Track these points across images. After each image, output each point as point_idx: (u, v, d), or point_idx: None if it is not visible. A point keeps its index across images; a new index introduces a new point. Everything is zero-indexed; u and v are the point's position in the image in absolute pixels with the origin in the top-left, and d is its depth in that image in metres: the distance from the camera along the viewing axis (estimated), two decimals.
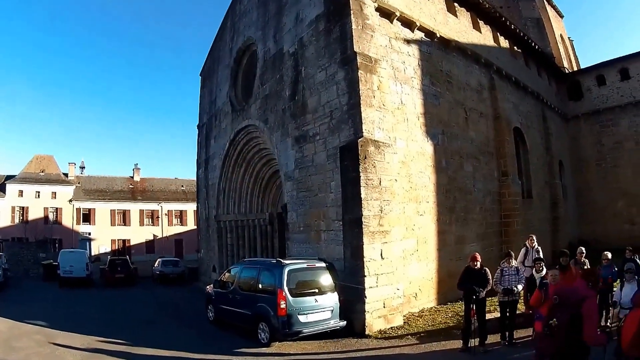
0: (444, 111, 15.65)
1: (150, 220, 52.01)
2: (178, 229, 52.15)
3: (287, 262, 11.35)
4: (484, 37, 19.36)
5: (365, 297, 11.27)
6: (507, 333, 9.99)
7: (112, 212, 50.14)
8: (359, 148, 11.58)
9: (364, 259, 11.33)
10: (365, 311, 11.26)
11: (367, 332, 11.21)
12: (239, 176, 20.69)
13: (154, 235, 51.40)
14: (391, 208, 12.12)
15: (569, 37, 43.20)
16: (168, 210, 52.66)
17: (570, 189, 28.39)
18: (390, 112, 13.03)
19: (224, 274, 13.84)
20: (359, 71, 12.19)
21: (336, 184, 12.64)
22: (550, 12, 38.61)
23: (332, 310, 11.12)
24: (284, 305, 10.38)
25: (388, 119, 12.84)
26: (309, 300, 10.85)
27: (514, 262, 10.32)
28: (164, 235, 51.57)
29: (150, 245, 50.43)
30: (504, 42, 21.35)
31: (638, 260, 11.07)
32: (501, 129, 18.66)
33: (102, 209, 49.57)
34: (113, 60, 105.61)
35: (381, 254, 11.70)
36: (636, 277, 8.09)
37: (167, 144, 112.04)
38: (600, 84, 29.21)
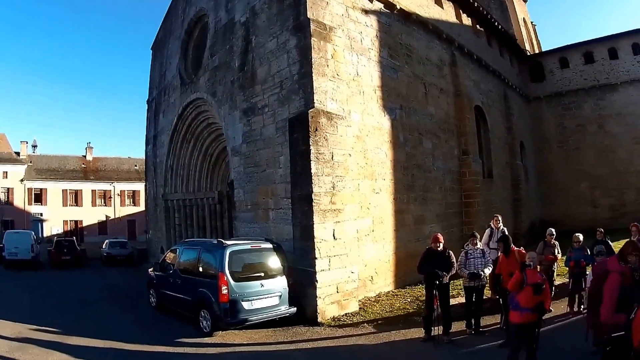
0: (403, 85, 15.02)
1: (102, 200, 51.26)
2: (131, 210, 51.33)
3: (229, 242, 10.56)
4: (446, 13, 18.88)
5: (317, 281, 10.50)
6: (473, 321, 9.27)
7: (64, 192, 49.18)
8: (310, 119, 10.78)
9: (315, 240, 10.55)
10: (316, 297, 10.51)
11: (319, 320, 10.44)
12: (187, 153, 19.77)
13: (106, 216, 50.71)
14: (344, 185, 11.39)
15: (531, 22, 43.59)
16: (121, 191, 51.93)
17: (531, 170, 28.32)
18: (344, 83, 12.32)
19: (165, 256, 12.97)
20: (312, 38, 11.42)
21: (285, 159, 11.88)
22: None
23: (281, 296, 10.35)
24: (226, 290, 9.54)
25: (342, 90, 12.12)
26: (254, 285, 10.04)
27: (479, 244, 9.59)
28: (117, 216, 50.96)
29: (102, 227, 49.71)
30: (467, 20, 20.96)
31: (609, 242, 10.62)
32: (462, 106, 18.27)
33: (54, 189, 48.50)
34: (66, 33, 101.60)
35: (333, 234, 10.96)
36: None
37: (122, 121, 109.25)
38: (563, 66, 29.27)
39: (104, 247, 29.00)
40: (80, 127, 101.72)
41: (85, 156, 53.32)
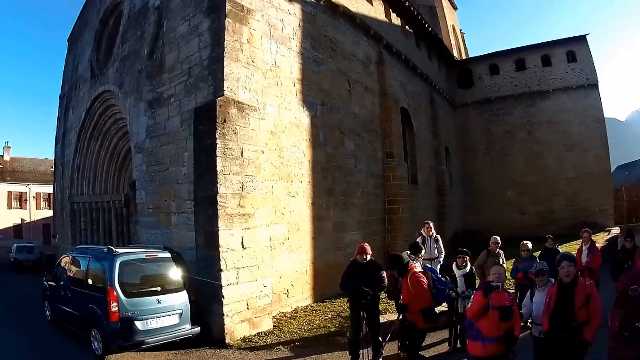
0: (326, 80, 14.15)
1: (18, 203, 48.24)
2: (47, 213, 47.78)
3: (120, 251, 9.07)
4: (376, 10, 18.38)
5: (223, 296, 9.20)
6: (407, 343, 8.10)
7: None
8: (217, 109, 9.53)
9: (220, 249, 9.25)
10: (223, 314, 9.19)
11: (227, 341, 9.13)
12: (94, 151, 18.01)
13: (22, 219, 47.73)
14: (255, 186, 10.19)
15: (460, 30, 44.81)
16: (36, 193, 48.97)
17: (457, 176, 28.54)
18: (260, 72, 11.21)
19: (57, 264, 11.34)
20: (227, 19, 10.25)
21: (189, 155, 10.58)
22: (445, 2, 40.39)
23: (181, 314, 8.97)
24: (116, 307, 8.10)
25: (257, 79, 10.99)
26: (149, 302, 8.64)
27: (421, 260, 8.42)
28: (33, 219, 48.10)
29: (18, 230, 46.85)
30: (396, 20, 20.66)
31: (560, 250, 10.03)
32: (388, 107, 17.75)
33: None
34: None
35: (242, 243, 9.73)
36: (552, 280, 5.90)
37: (42, 121, 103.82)
38: (493, 73, 29.66)
39: (12, 252, 27.81)
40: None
41: (2, 156, 50.08)
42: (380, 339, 7.64)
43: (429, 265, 8.36)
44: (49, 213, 46.74)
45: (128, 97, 14.00)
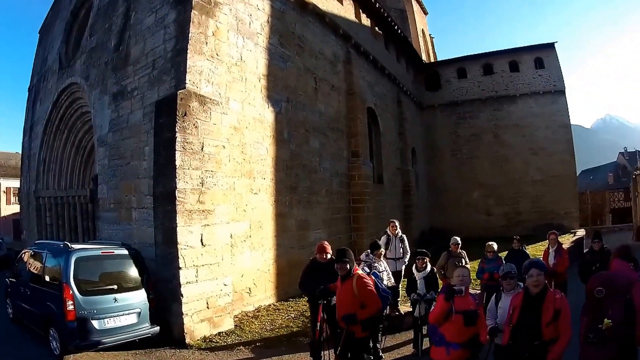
0: (292, 77, 14.08)
1: None
2: (17, 208, 46.68)
3: (76, 247, 8.76)
4: (346, 9, 18.47)
5: (182, 295, 8.99)
6: (370, 345, 7.58)
7: None
8: (178, 102, 9.34)
9: (179, 246, 9.03)
10: (183, 313, 8.98)
11: (187, 341, 8.92)
12: (60, 145, 17.53)
13: None
14: (216, 181, 10.02)
15: (430, 34, 45.32)
16: (7, 188, 47.94)
17: (422, 177, 28.87)
18: (225, 66, 11.09)
19: (18, 260, 10.99)
20: (193, 11, 10.11)
21: (150, 149, 10.31)
22: (416, 7, 40.69)
23: (140, 313, 8.74)
24: (72, 306, 7.83)
25: (221, 73, 10.87)
26: (106, 300, 8.39)
27: (382, 259, 8.46)
28: (3, 214, 47.04)
29: None
30: (366, 21, 20.79)
31: (527, 251, 10.09)
32: (354, 106, 17.79)
33: None
34: None
35: (202, 240, 9.54)
36: (521, 284, 5.52)
37: (12, 115, 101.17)
38: (461, 77, 30.12)
39: None
40: None
41: None
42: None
43: (377, 271, 8.11)
44: (19, 208, 47.12)
45: (93, 89, 13.70)
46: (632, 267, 4.74)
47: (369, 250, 8.62)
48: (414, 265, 8.27)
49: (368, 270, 7.80)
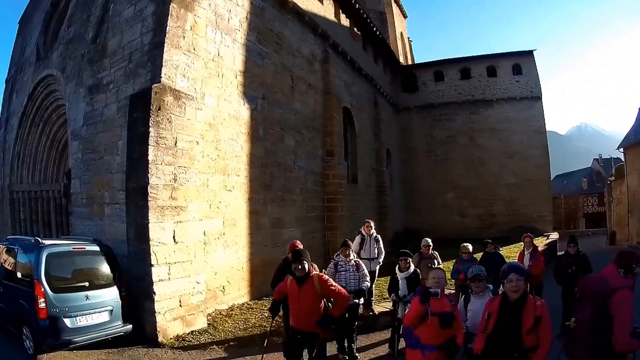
0: (269, 74, 14.10)
1: None
2: None
3: (47, 242, 8.58)
4: (325, 9, 18.66)
5: (154, 292, 8.86)
6: (345, 345, 7.96)
7: None
8: (153, 96, 9.24)
9: (151, 242, 8.92)
10: (155, 311, 8.86)
11: (160, 339, 8.80)
12: (35, 138, 17.20)
13: None
14: (189, 177, 9.93)
15: (408, 37, 45.74)
16: None
17: (397, 178, 29.17)
18: (202, 61, 11.04)
19: None
20: (172, 4, 10.04)
21: (124, 144, 10.17)
22: (395, 10, 41.05)
23: (112, 311, 8.57)
24: (44, 304, 7.65)
25: (198, 68, 10.81)
26: (77, 298, 8.18)
27: (352, 255, 8.28)
28: None
29: None
30: (345, 21, 21.02)
31: (501, 254, 10.24)
32: (331, 105, 17.91)
33: None
34: None
35: (174, 237, 9.42)
36: (490, 286, 5.65)
37: None
38: (438, 79, 30.63)
39: None
40: None
41: None
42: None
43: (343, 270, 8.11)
44: None
45: (69, 82, 13.50)
46: (622, 273, 4.77)
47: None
48: (397, 265, 8.16)
49: (334, 269, 7.95)
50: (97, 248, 9.11)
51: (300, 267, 5.72)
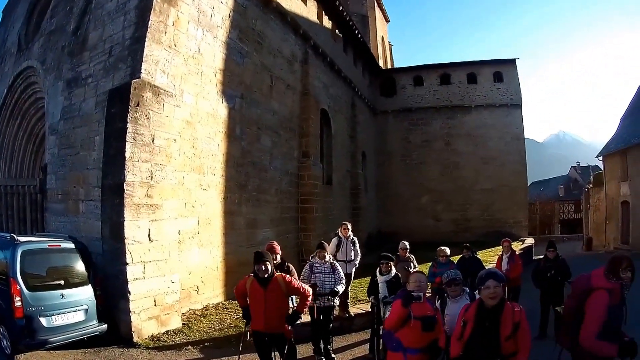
0: (248, 73, 14.16)
1: None
2: None
3: (23, 239, 8.37)
4: (308, 10, 18.86)
5: (129, 292, 8.80)
6: (322, 347, 7.99)
7: None
8: (132, 91, 9.19)
9: (126, 241, 8.84)
10: (130, 311, 8.80)
11: (135, 339, 8.74)
12: (12, 131, 16.82)
13: None
14: (165, 175, 9.89)
15: (389, 42, 46.20)
16: None
17: (372, 180, 29.41)
18: (182, 57, 11.01)
19: None
20: None
21: (101, 139, 10.05)
22: (378, 14, 41.55)
23: (87, 310, 8.42)
24: (20, 302, 7.48)
25: (178, 65, 10.78)
26: (53, 296, 8.01)
27: (328, 257, 8.28)
28: None
29: None
30: (327, 23, 21.26)
31: (479, 258, 10.45)
32: (308, 106, 18.07)
33: None
34: None
35: (149, 235, 9.37)
36: (466, 289, 5.73)
37: None
38: (417, 84, 31.08)
39: None
40: None
41: None
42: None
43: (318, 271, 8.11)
44: None
45: (48, 74, 13.30)
46: (606, 275, 4.93)
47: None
48: (378, 268, 8.00)
49: (309, 271, 7.99)
50: (72, 245, 8.93)
51: (264, 267, 5.69)
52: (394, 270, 7.89)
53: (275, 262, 7.12)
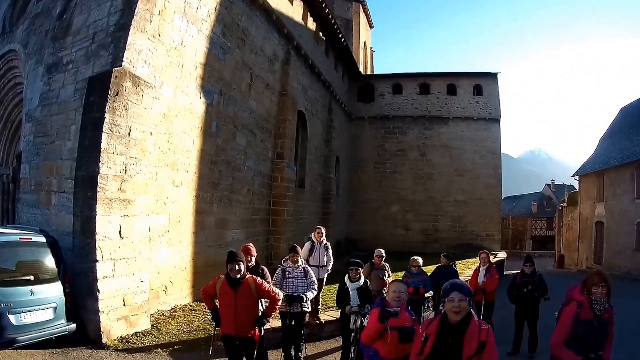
0: (228, 70, 14.22)
1: None
2: None
3: None
4: (294, 10, 19.13)
5: (99, 290, 8.58)
6: (292, 354, 8.04)
7: None
8: (112, 80, 9.08)
9: (97, 236, 8.65)
10: (99, 310, 8.56)
11: (104, 340, 8.53)
12: None
13: None
14: (139, 169, 9.77)
15: (371, 47, 46.74)
16: None
17: (343, 186, 29.65)
18: (165, 48, 11.01)
19: None
20: None
21: (77, 129, 9.90)
22: (363, 19, 41.97)
23: (56, 308, 8.16)
24: None
25: (160, 55, 10.78)
26: (22, 292, 7.71)
27: (301, 261, 8.33)
28: None
29: None
30: (312, 24, 21.56)
31: (455, 268, 10.60)
32: (286, 107, 18.28)
33: None
34: None
35: (120, 231, 9.22)
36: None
37: None
38: (395, 92, 31.48)
39: None
40: None
41: None
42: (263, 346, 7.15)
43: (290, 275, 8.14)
44: None
45: (30, 58, 13.04)
46: (581, 289, 5.31)
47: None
48: (347, 275, 7.86)
49: (281, 275, 8.02)
50: (43, 239, 8.62)
51: (237, 267, 5.69)
52: (363, 278, 7.87)
53: (250, 264, 7.15)
